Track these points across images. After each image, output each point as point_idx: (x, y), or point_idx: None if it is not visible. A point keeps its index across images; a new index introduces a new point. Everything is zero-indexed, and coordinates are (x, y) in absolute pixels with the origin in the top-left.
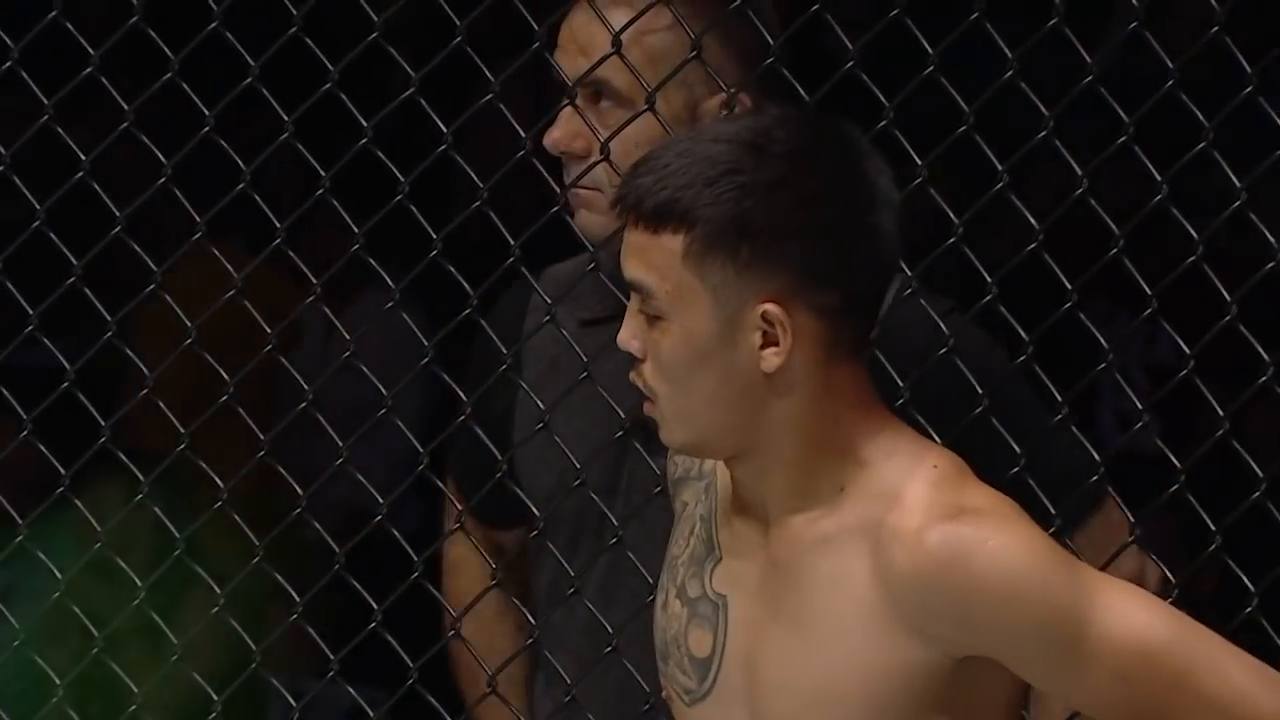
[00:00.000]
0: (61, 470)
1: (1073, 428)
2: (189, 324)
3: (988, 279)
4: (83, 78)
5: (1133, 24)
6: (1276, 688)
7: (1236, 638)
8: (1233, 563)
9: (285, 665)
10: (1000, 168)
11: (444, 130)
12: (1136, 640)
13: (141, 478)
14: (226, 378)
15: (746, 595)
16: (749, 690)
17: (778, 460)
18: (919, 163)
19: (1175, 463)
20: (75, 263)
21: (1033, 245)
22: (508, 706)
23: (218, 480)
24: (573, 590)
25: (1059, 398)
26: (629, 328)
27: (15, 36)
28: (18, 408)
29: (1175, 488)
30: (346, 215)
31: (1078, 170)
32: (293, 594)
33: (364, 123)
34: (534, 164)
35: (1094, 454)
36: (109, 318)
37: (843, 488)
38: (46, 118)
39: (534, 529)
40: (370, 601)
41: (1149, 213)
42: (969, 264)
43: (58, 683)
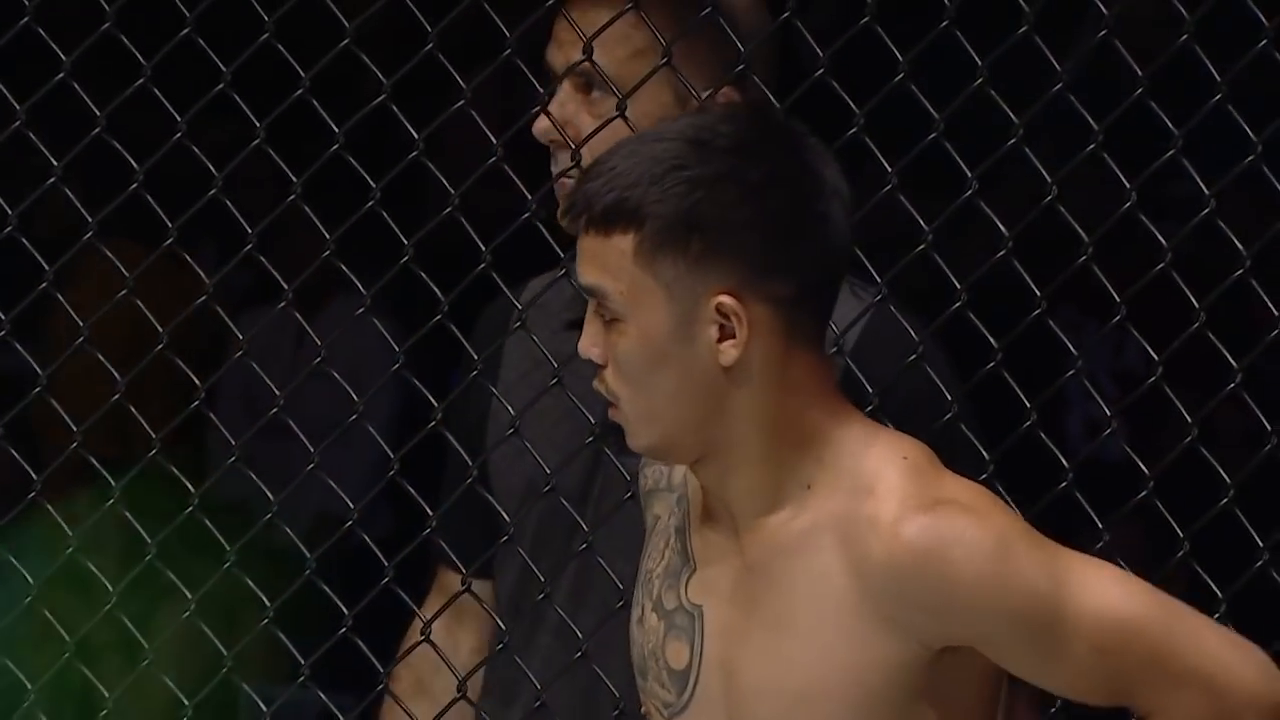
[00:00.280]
0: (34, 476)
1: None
2: (82, 323)
3: (957, 285)
4: (54, 83)
5: (1102, 31)
6: (1251, 655)
7: None
8: (1201, 569)
9: (256, 670)
10: (970, 174)
11: (415, 136)
12: (1114, 615)
13: (113, 482)
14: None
15: (722, 603)
16: (727, 698)
17: (744, 458)
18: (889, 170)
19: (1143, 469)
20: (47, 268)
21: (1001, 253)
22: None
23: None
24: (543, 595)
25: (1027, 403)
26: (588, 335)
27: None
28: None
29: (1143, 494)
30: (318, 221)
31: (1047, 177)
32: (263, 599)
33: (335, 129)
34: (505, 170)
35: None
36: (81, 324)
37: (809, 485)
38: (19, 123)
39: (504, 534)
40: (341, 607)
41: (1118, 219)
42: (939, 271)
43: (29, 687)
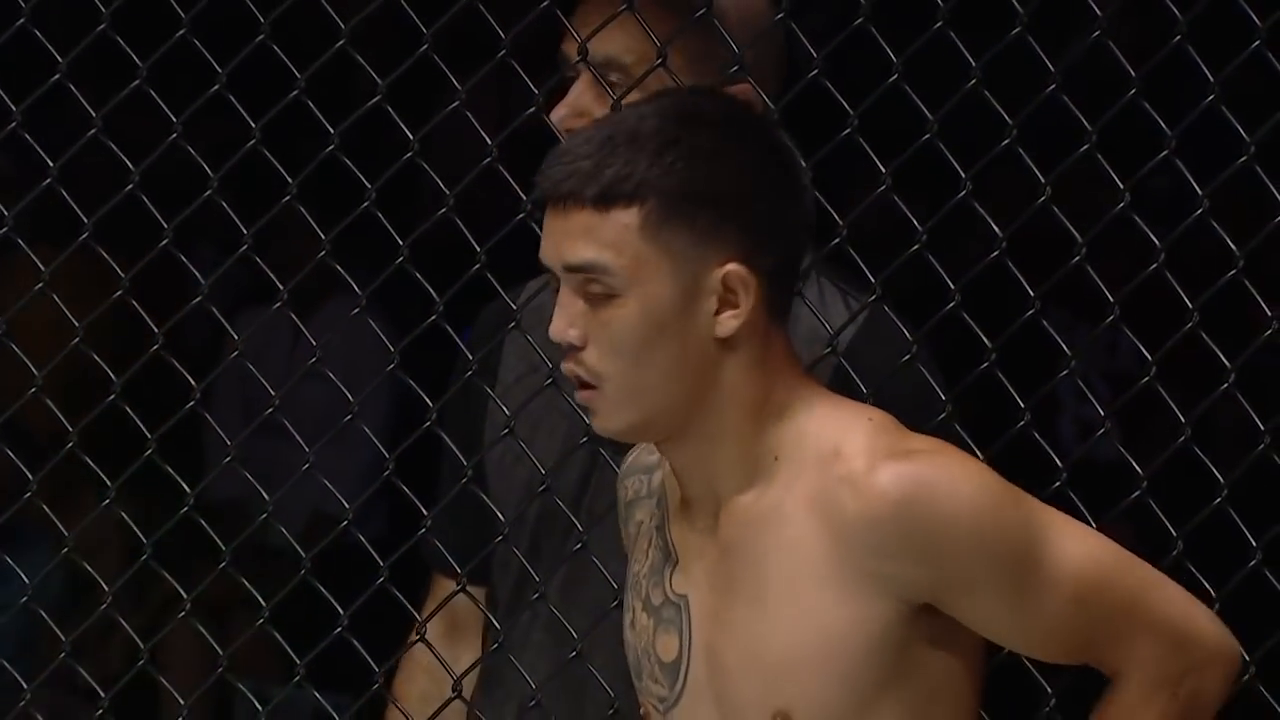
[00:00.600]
0: (29, 475)
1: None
2: None
3: (950, 285)
4: (50, 84)
5: (1095, 33)
6: (1209, 612)
7: None
8: (1194, 569)
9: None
10: (964, 175)
11: (410, 137)
12: (1092, 563)
13: (109, 482)
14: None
15: (704, 589)
16: (713, 681)
17: (719, 432)
18: (882, 170)
19: (1137, 469)
20: (43, 268)
21: (995, 254)
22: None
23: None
24: (537, 595)
25: (1021, 403)
26: (565, 317)
27: None
28: None
29: (1136, 494)
30: (313, 221)
31: (1040, 178)
32: (259, 599)
33: (330, 129)
34: (501, 170)
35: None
36: (76, 324)
37: (776, 456)
38: (14, 124)
39: (499, 536)
40: (336, 606)
41: (1111, 219)
42: (928, 272)
43: (25, 687)
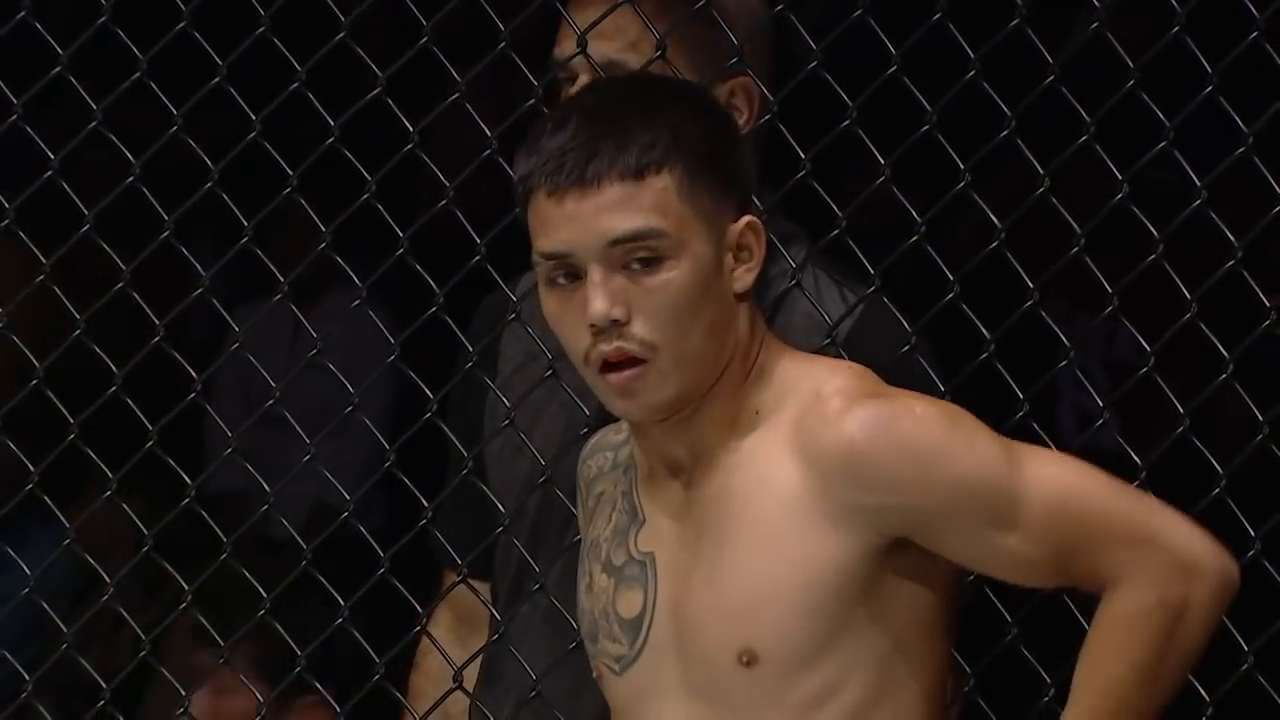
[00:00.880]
0: (30, 467)
1: None
2: None
3: (949, 276)
4: (51, 77)
5: (1094, 24)
6: (1197, 527)
7: None
8: None
9: None
10: (962, 166)
11: (410, 129)
12: (1063, 479)
13: (110, 474)
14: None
15: (672, 545)
16: (677, 634)
17: (717, 392)
18: (881, 162)
19: (1136, 459)
20: (44, 260)
21: (994, 244)
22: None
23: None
24: (538, 586)
25: (1021, 393)
26: (607, 295)
27: None
28: None
29: (1136, 484)
30: (313, 214)
31: (1039, 169)
32: (260, 590)
33: (331, 122)
34: (499, 162)
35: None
36: (78, 316)
37: (757, 411)
38: (15, 116)
39: (500, 527)
40: (337, 598)
41: (1110, 210)
42: (926, 263)
43: (27, 678)
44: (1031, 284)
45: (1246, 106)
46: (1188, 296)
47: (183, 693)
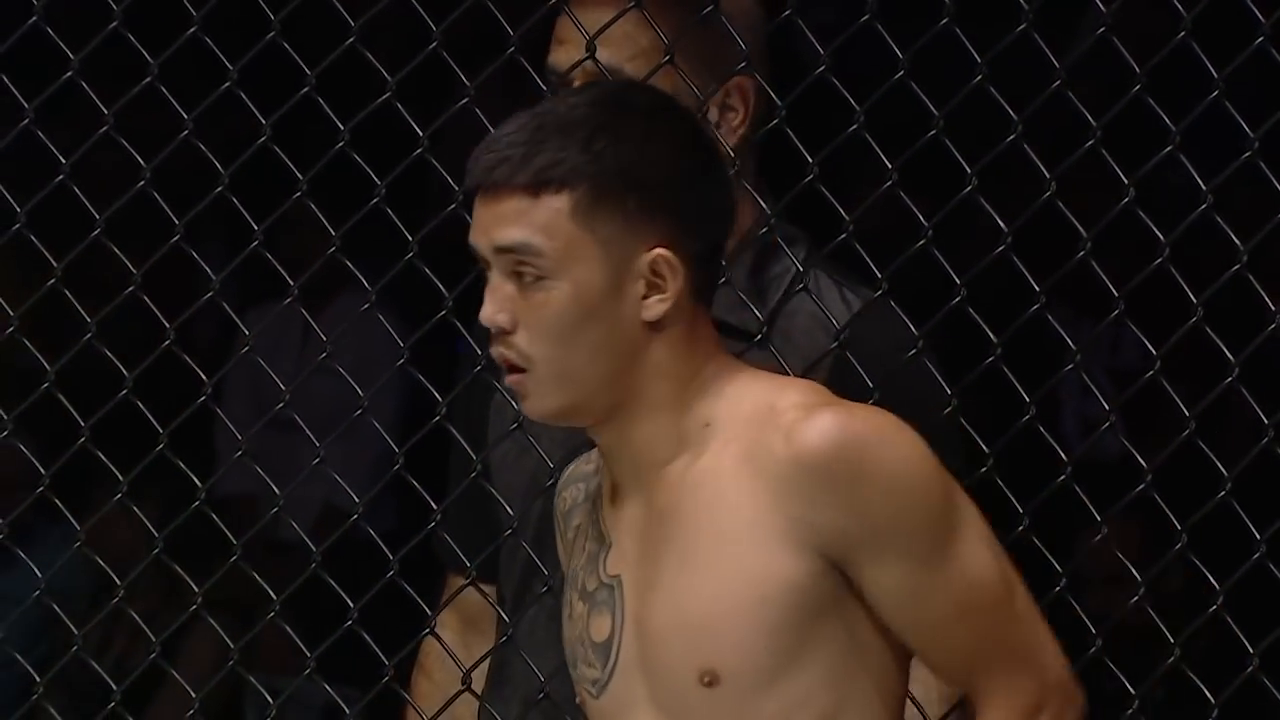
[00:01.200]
0: (41, 470)
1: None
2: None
3: (956, 280)
4: (62, 82)
5: (1100, 29)
6: (1059, 650)
7: (1201, 637)
8: (1199, 562)
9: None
10: (969, 170)
11: (420, 133)
12: (990, 576)
13: (120, 478)
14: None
15: (635, 564)
16: (642, 654)
17: (648, 407)
18: (889, 166)
19: (1142, 463)
20: (55, 264)
21: (1000, 249)
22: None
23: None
24: (546, 588)
25: (1026, 397)
26: (495, 301)
27: None
28: None
29: (1141, 487)
30: (323, 217)
31: (1045, 174)
32: (269, 593)
33: (340, 126)
34: None
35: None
36: (89, 319)
37: (708, 423)
38: (27, 121)
39: (507, 529)
40: (346, 600)
41: (1116, 215)
42: (933, 267)
43: (38, 680)
44: (1037, 287)
45: (1252, 110)
46: (1193, 300)
47: (193, 694)
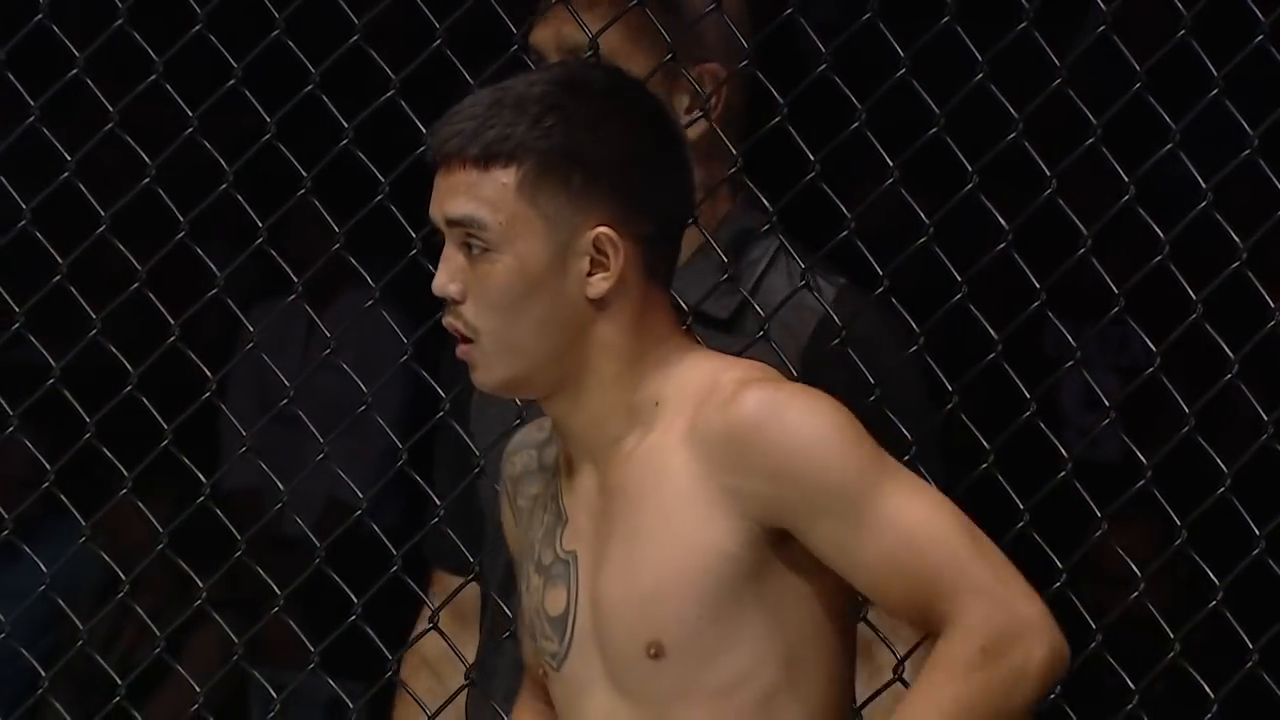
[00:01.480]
0: (47, 465)
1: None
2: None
3: (958, 278)
4: (68, 79)
5: (1100, 28)
6: (1035, 593)
7: (1202, 631)
8: (1202, 561)
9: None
10: (970, 168)
11: (423, 130)
12: (925, 516)
13: (126, 473)
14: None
15: (590, 539)
16: (596, 629)
17: (597, 383)
18: (890, 164)
19: (1142, 459)
20: (60, 261)
21: (1001, 245)
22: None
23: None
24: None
25: (1028, 395)
26: (446, 271)
27: (1, 39)
28: (4, 404)
29: (1141, 484)
30: (327, 214)
31: (1046, 171)
32: (273, 587)
33: (345, 124)
34: None
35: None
36: (94, 315)
37: (657, 402)
38: (33, 119)
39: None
40: (350, 595)
41: (1116, 213)
42: (940, 265)
43: (43, 674)
44: (1039, 284)
45: (1252, 107)
46: (1193, 298)
47: (197, 689)
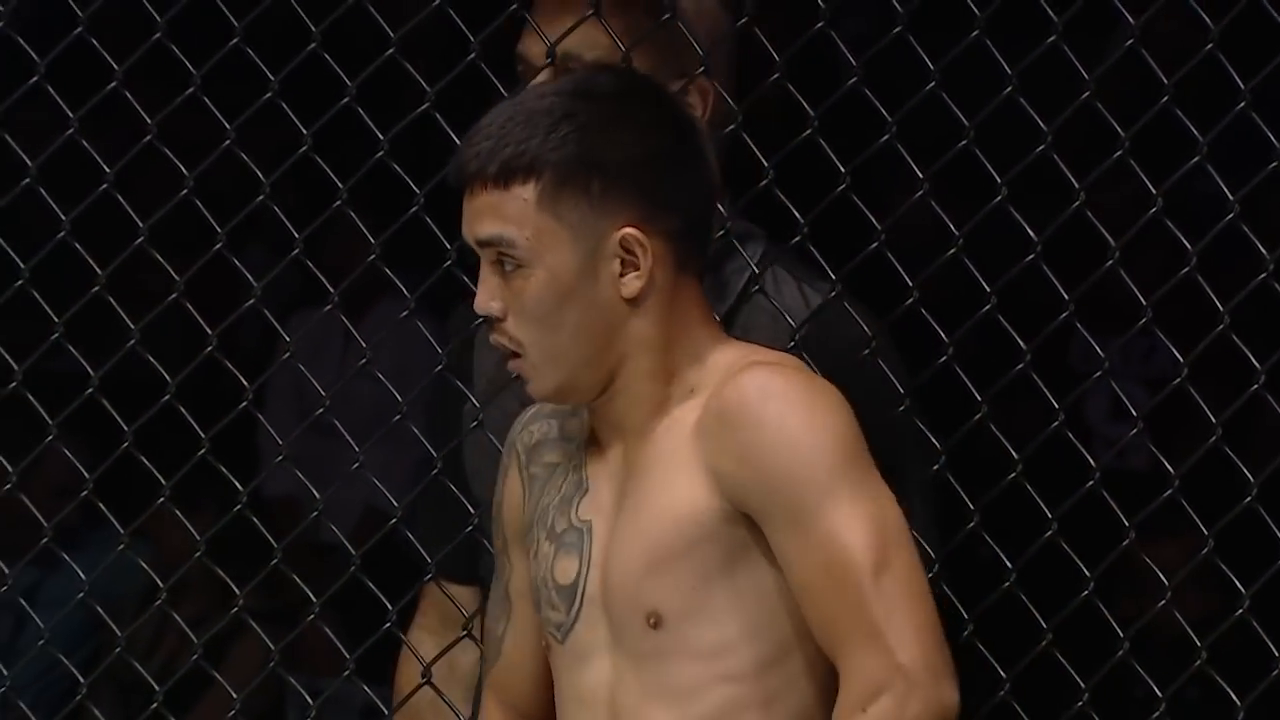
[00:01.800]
0: (85, 474)
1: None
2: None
3: (986, 289)
4: (107, 92)
5: (1129, 40)
6: (942, 652)
7: (1229, 640)
8: (1224, 567)
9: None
10: (1000, 180)
11: (458, 142)
12: (854, 538)
13: (163, 481)
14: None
15: (607, 511)
16: (604, 599)
17: (635, 377)
18: (920, 175)
19: (1169, 468)
20: (99, 271)
21: (1030, 257)
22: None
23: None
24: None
25: (1056, 405)
26: (485, 291)
27: (42, 51)
28: (43, 413)
29: (1168, 493)
30: (363, 226)
31: (1074, 183)
32: (309, 595)
33: (380, 136)
34: None
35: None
36: (132, 326)
37: (693, 390)
38: (72, 130)
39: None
40: (385, 602)
41: (1145, 224)
42: (970, 276)
43: (81, 680)
44: (1066, 296)
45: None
46: (1220, 309)
47: (234, 695)
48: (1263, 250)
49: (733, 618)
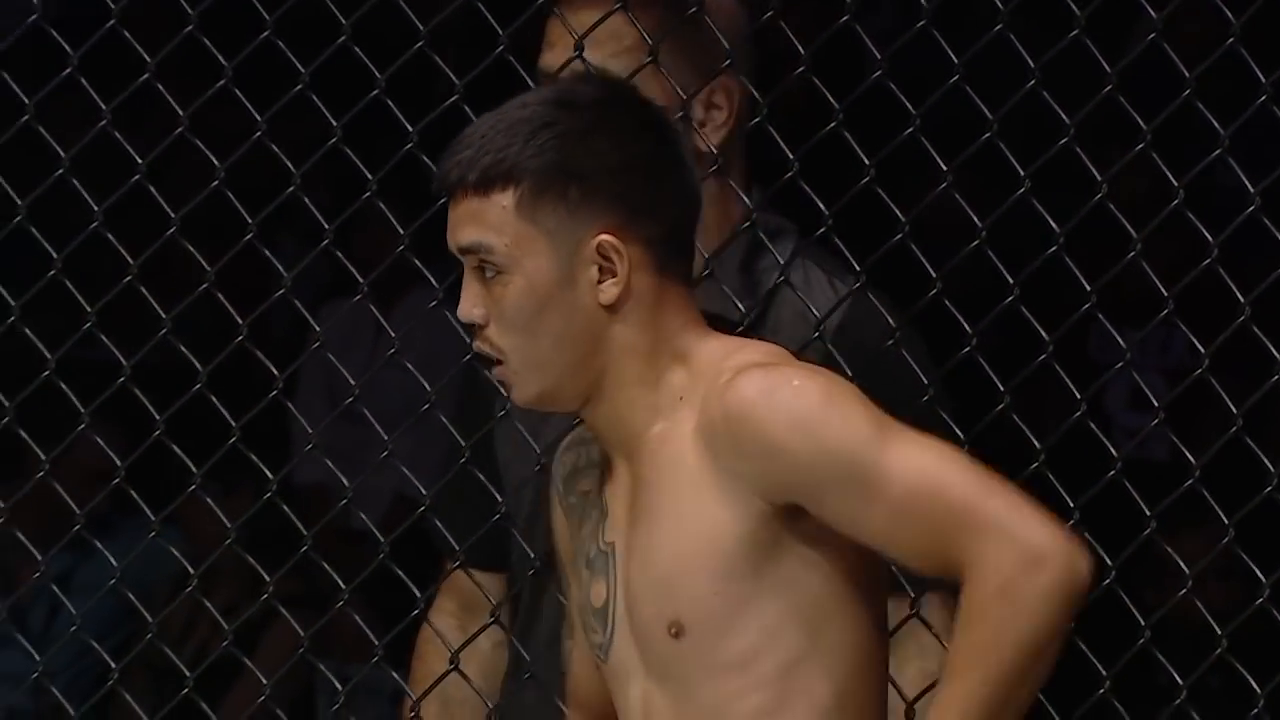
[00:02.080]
0: (118, 462)
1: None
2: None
3: (1009, 280)
4: (139, 84)
5: (1151, 34)
6: (1052, 524)
7: (1250, 629)
8: (1246, 557)
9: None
10: (1022, 173)
11: None
12: (927, 468)
13: (195, 469)
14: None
15: (624, 532)
16: (629, 618)
17: (621, 384)
18: (944, 168)
19: (1190, 459)
20: (131, 262)
21: (1052, 249)
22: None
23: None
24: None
25: (1078, 395)
26: (468, 298)
27: (75, 44)
28: (75, 401)
29: (1189, 483)
30: (392, 217)
31: (1097, 176)
32: (339, 581)
33: (410, 128)
34: None
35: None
36: (164, 315)
37: (681, 397)
38: (105, 123)
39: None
40: (414, 589)
41: (1166, 216)
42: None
43: (113, 666)
44: (1089, 286)
45: None
46: (1241, 300)
47: (264, 681)
48: None
49: (757, 618)
